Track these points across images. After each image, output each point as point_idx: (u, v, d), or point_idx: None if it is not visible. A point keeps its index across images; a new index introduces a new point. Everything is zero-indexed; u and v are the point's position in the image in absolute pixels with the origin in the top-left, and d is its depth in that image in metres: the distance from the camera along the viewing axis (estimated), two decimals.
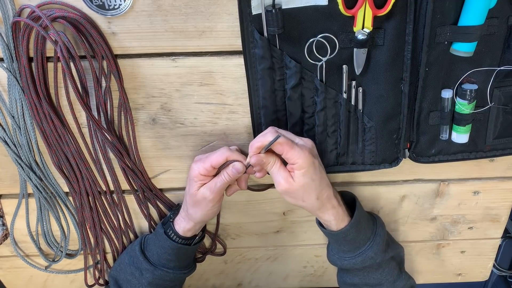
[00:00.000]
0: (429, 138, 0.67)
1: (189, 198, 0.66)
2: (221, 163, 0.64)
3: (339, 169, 0.70)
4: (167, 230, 0.71)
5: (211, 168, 0.64)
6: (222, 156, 0.63)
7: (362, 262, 0.68)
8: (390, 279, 0.71)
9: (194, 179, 0.65)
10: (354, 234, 0.67)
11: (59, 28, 0.57)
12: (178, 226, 0.70)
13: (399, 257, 0.76)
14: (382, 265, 0.70)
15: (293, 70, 0.60)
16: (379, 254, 0.68)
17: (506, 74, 0.62)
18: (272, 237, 0.83)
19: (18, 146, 0.68)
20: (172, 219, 0.72)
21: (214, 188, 0.64)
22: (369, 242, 0.68)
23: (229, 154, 0.63)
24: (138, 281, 0.72)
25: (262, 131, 0.65)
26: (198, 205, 0.66)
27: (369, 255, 0.68)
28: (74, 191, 0.73)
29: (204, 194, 0.64)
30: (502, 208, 0.79)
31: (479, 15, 0.55)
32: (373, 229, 0.70)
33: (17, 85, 0.62)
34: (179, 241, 0.70)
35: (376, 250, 0.68)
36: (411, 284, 0.75)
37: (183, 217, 0.69)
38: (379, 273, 0.70)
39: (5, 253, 0.83)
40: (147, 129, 0.68)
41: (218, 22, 0.58)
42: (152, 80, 0.64)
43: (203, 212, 0.66)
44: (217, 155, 0.64)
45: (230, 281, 0.90)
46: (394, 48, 0.58)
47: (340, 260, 0.70)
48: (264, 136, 0.60)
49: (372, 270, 0.70)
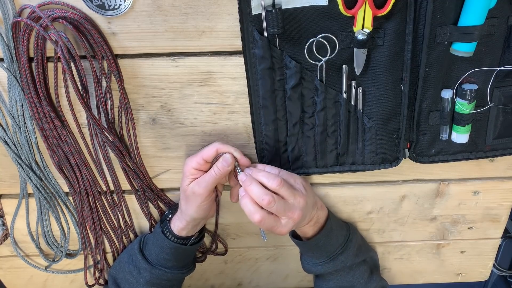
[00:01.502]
0: (429, 138, 0.67)
1: (182, 194, 0.67)
2: (212, 155, 0.64)
3: (339, 169, 0.70)
4: (164, 228, 0.71)
5: (203, 161, 0.64)
6: (213, 148, 0.64)
7: (334, 266, 0.72)
8: (361, 281, 0.75)
9: (186, 174, 0.65)
10: (325, 241, 0.71)
11: (59, 28, 0.57)
12: (173, 225, 0.70)
13: (372, 260, 0.81)
14: (353, 268, 0.74)
15: (293, 70, 0.60)
16: (349, 258, 0.73)
17: (506, 74, 0.62)
18: (272, 237, 0.83)
19: (18, 146, 0.68)
20: (169, 218, 0.72)
21: (202, 182, 0.64)
22: (340, 247, 0.72)
23: (220, 146, 0.64)
24: (136, 280, 0.72)
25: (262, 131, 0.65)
26: (189, 200, 0.66)
27: (340, 259, 0.72)
28: (74, 191, 0.73)
29: (193, 188, 0.65)
30: (502, 208, 0.79)
31: (479, 15, 0.55)
32: (346, 235, 0.74)
33: (17, 85, 0.62)
34: (175, 241, 0.70)
35: (348, 254, 0.72)
36: (382, 285, 0.79)
37: (178, 216, 0.70)
38: (351, 276, 0.74)
39: (5, 253, 0.83)
40: (147, 129, 0.69)
41: (218, 22, 0.58)
42: (152, 80, 0.64)
43: (194, 208, 0.66)
44: (208, 148, 0.64)
45: (230, 281, 0.90)
46: (394, 48, 0.58)
47: (315, 267, 0.74)
48: (269, 179, 0.60)
49: (344, 274, 0.74)
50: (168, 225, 0.71)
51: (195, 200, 0.65)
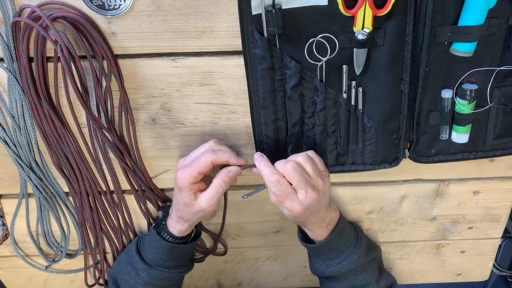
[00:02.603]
0: (429, 138, 0.67)
1: (185, 207, 0.64)
2: (209, 168, 0.61)
3: (339, 169, 0.70)
4: (161, 232, 0.70)
5: (200, 175, 0.62)
6: (207, 160, 0.60)
7: (348, 265, 0.71)
8: (374, 278, 0.74)
9: (186, 190, 0.62)
10: (338, 241, 0.70)
11: (59, 28, 0.57)
12: (173, 229, 0.69)
13: (378, 257, 0.80)
14: (366, 266, 0.74)
15: (293, 70, 0.60)
16: (362, 257, 0.72)
17: (506, 74, 0.62)
18: (272, 237, 0.83)
19: (18, 146, 0.68)
20: (164, 221, 0.71)
21: (212, 200, 0.62)
22: (352, 246, 0.72)
23: (214, 157, 0.61)
24: (135, 281, 0.72)
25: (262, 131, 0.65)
26: (197, 214, 0.65)
27: (353, 258, 0.71)
28: (74, 191, 0.73)
29: (202, 207, 0.63)
30: (502, 208, 0.79)
31: (479, 15, 0.55)
32: (355, 234, 0.74)
33: (17, 85, 0.62)
34: (173, 241, 0.70)
35: (360, 253, 0.72)
36: (392, 281, 0.79)
37: (177, 220, 0.68)
38: (364, 275, 0.73)
39: (5, 253, 0.83)
40: (147, 129, 0.68)
41: (218, 22, 0.58)
42: (152, 80, 0.64)
43: (202, 218, 0.66)
44: (203, 161, 0.61)
45: (230, 281, 0.90)
46: (394, 48, 0.58)
47: (328, 268, 0.72)
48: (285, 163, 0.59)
49: (357, 273, 0.73)
50: (166, 228, 0.69)
51: (206, 215, 0.65)
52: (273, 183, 0.59)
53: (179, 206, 0.66)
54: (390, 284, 0.77)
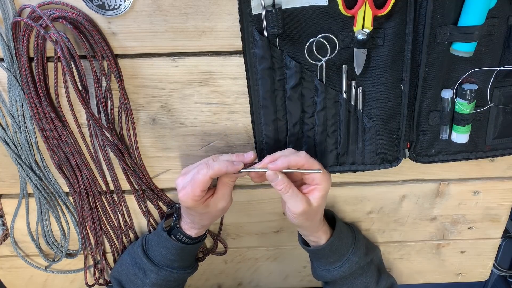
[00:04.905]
0: (429, 138, 0.67)
1: (202, 216, 0.66)
2: (209, 183, 0.61)
3: (339, 169, 0.70)
4: (177, 234, 0.70)
5: (202, 193, 0.61)
6: (205, 179, 0.59)
7: (349, 268, 0.71)
8: (373, 280, 0.75)
9: (194, 205, 0.62)
10: (338, 243, 0.70)
11: (59, 28, 0.57)
12: (190, 232, 0.70)
13: (377, 258, 0.80)
14: (365, 268, 0.74)
15: (293, 70, 0.60)
16: (362, 258, 0.72)
17: (506, 74, 0.62)
18: (272, 237, 0.83)
19: (18, 146, 0.68)
20: (178, 224, 0.71)
21: (228, 197, 0.65)
22: (351, 248, 0.72)
23: (212, 173, 0.59)
24: (142, 281, 0.72)
25: (262, 130, 0.65)
26: (217, 214, 0.67)
27: (354, 260, 0.71)
28: (74, 191, 0.73)
29: (220, 207, 0.65)
30: (502, 208, 0.79)
31: (479, 15, 0.55)
32: (353, 235, 0.74)
33: (17, 85, 0.62)
34: (189, 242, 0.71)
35: (359, 254, 0.72)
36: (391, 282, 0.79)
37: (191, 226, 0.69)
38: (364, 277, 0.74)
39: (5, 253, 0.83)
40: (147, 129, 0.69)
41: (218, 22, 0.58)
42: (152, 80, 0.64)
43: (223, 213, 0.69)
44: (201, 179, 0.59)
45: (230, 281, 0.90)
46: (394, 48, 0.58)
47: (329, 272, 0.73)
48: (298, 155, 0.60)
49: (357, 276, 0.73)
50: (182, 231, 0.70)
51: (226, 210, 0.67)
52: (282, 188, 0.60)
53: (194, 218, 0.67)
54: (390, 285, 0.78)
